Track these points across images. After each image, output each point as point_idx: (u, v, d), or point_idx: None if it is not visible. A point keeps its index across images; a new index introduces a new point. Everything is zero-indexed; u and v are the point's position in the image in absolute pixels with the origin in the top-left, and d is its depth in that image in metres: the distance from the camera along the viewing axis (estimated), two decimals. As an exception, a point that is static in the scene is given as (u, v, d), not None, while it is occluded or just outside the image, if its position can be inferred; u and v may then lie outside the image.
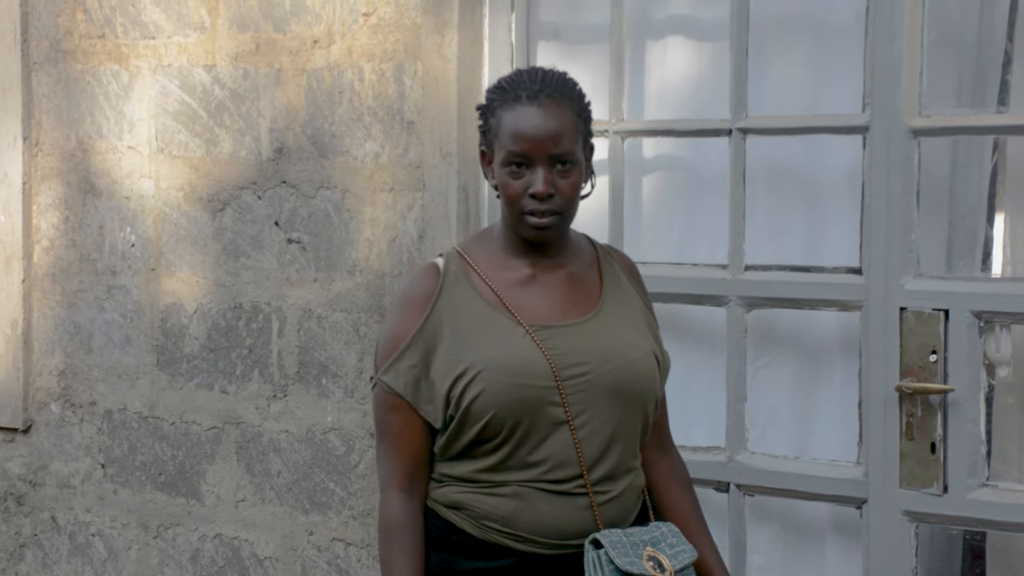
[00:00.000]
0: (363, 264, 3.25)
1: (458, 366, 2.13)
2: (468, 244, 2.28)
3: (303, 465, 3.37)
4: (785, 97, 2.94)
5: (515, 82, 2.18)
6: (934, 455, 2.69)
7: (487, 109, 2.20)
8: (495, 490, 2.15)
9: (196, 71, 3.46)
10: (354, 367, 3.28)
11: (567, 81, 2.19)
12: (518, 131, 2.12)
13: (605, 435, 2.16)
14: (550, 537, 2.13)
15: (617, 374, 2.16)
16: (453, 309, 2.17)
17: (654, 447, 2.33)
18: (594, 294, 2.24)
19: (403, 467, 2.20)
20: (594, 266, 2.28)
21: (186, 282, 3.51)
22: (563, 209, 2.15)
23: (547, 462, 2.13)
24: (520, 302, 2.18)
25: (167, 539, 3.58)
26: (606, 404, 2.15)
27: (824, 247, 2.93)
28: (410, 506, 2.19)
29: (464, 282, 2.20)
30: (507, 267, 2.21)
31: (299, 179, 3.33)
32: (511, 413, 2.11)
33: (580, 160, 2.16)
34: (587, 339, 2.17)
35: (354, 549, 3.30)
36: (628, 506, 2.21)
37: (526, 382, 2.11)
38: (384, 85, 3.20)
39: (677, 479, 2.35)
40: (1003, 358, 2.84)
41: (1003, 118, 2.81)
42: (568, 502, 2.14)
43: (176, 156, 3.51)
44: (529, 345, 2.13)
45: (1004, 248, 2.97)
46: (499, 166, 2.16)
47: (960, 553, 3.06)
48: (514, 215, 2.16)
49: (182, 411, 3.54)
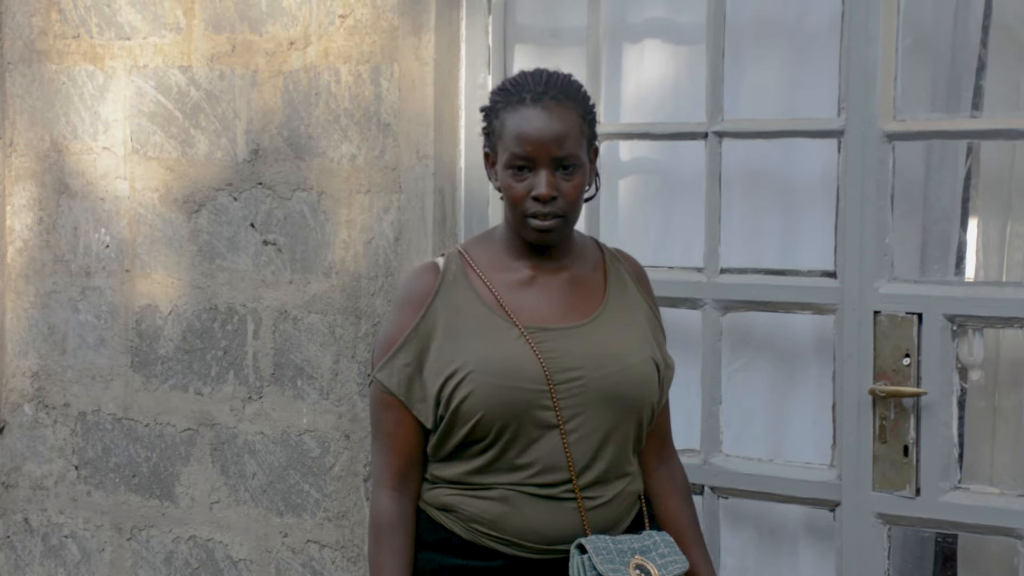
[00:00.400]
0: (339, 266, 3.25)
1: (449, 366, 2.13)
2: (470, 244, 2.28)
3: (278, 467, 3.36)
4: (761, 101, 2.95)
5: (519, 84, 2.17)
6: (907, 458, 2.70)
7: (490, 111, 2.19)
8: (483, 493, 2.15)
9: (172, 72, 3.45)
10: (329, 369, 3.27)
11: (572, 83, 2.18)
12: (522, 133, 2.11)
13: (596, 440, 2.14)
14: (536, 541, 2.13)
15: (612, 380, 2.15)
16: (449, 309, 2.17)
17: (654, 455, 2.31)
18: (596, 298, 2.22)
19: (395, 465, 2.20)
20: (599, 269, 2.27)
21: (161, 283, 3.50)
22: (566, 212, 2.14)
23: (535, 465, 2.12)
24: (518, 304, 2.17)
25: (141, 541, 3.57)
26: (599, 409, 2.14)
27: (799, 250, 2.94)
28: (401, 505, 2.19)
29: (463, 282, 2.19)
30: (507, 268, 2.20)
31: (275, 181, 3.32)
32: (499, 415, 2.10)
33: (584, 163, 2.15)
34: (583, 343, 2.15)
35: (329, 551, 3.29)
36: (620, 512, 2.20)
37: (515, 384, 2.10)
38: (361, 87, 3.20)
39: (676, 488, 2.33)
40: (975, 362, 2.86)
41: (977, 123, 2.83)
42: (556, 506, 2.13)
43: (151, 157, 3.49)
44: (522, 347, 2.12)
45: (977, 252, 2.99)
46: (502, 168, 2.15)
47: (932, 555, 3.08)
48: (517, 217, 2.15)
49: (156, 413, 3.52)
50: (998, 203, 2.94)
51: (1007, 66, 2.85)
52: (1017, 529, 2.62)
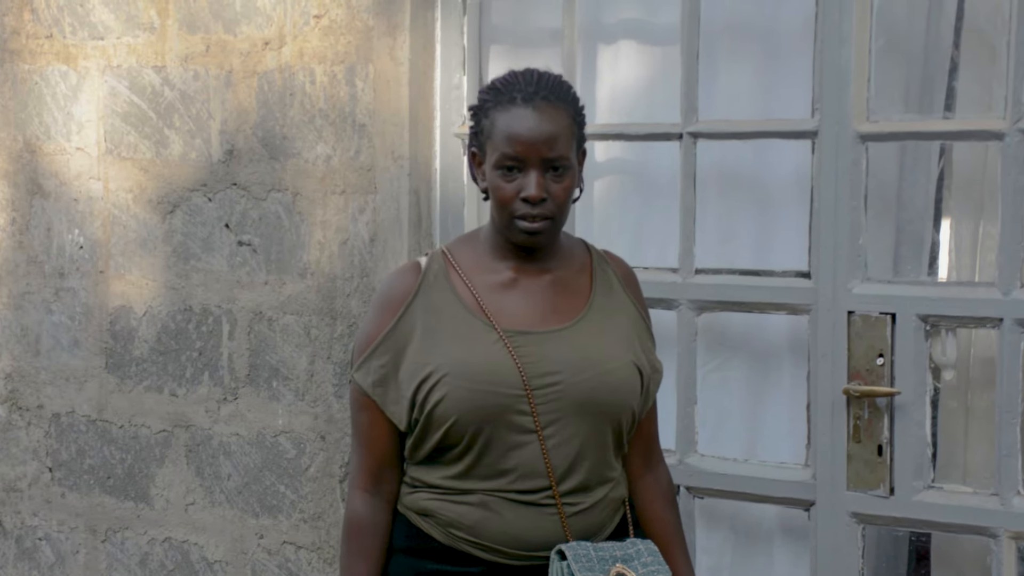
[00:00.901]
0: (314, 267, 3.24)
1: (424, 369, 2.11)
2: (454, 244, 2.25)
3: (253, 468, 3.35)
4: (735, 102, 2.96)
5: (509, 83, 2.14)
6: (881, 457, 2.71)
7: (479, 110, 2.16)
8: (462, 498, 2.13)
9: (145, 72, 3.44)
10: (305, 370, 3.26)
11: (562, 84, 2.16)
12: (512, 133, 2.08)
13: (575, 446, 2.12)
14: (516, 547, 2.11)
15: (590, 385, 2.12)
16: (428, 310, 2.15)
17: (640, 460, 2.28)
18: (580, 301, 2.19)
19: (369, 466, 2.19)
20: (586, 272, 2.24)
21: (135, 284, 3.48)
22: (555, 214, 2.11)
23: (514, 472, 2.10)
24: (498, 307, 2.14)
25: (116, 543, 3.55)
26: (577, 415, 2.11)
27: (773, 251, 2.95)
28: (373, 506, 2.18)
29: (444, 283, 2.17)
30: (490, 270, 2.18)
31: (250, 181, 3.31)
32: (473, 420, 2.08)
33: (574, 164, 2.12)
34: (563, 347, 2.13)
35: (305, 552, 3.29)
36: (603, 518, 2.17)
37: (490, 388, 2.08)
38: (336, 87, 3.19)
39: (660, 494, 2.30)
40: (948, 361, 2.88)
41: (949, 124, 2.85)
42: (536, 513, 2.11)
43: (125, 158, 3.48)
44: (499, 351, 2.10)
45: (950, 252, 3.01)
46: (491, 168, 2.12)
47: (906, 555, 3.10)
48: (504, 219, 2.12)
49: (131, 414, 3.51)
50: (971, 204, 2.96)
51: (979, 67, 2.87)
52: (990, 528, 2.64)
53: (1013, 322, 2.60)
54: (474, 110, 2.17)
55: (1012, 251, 2.60)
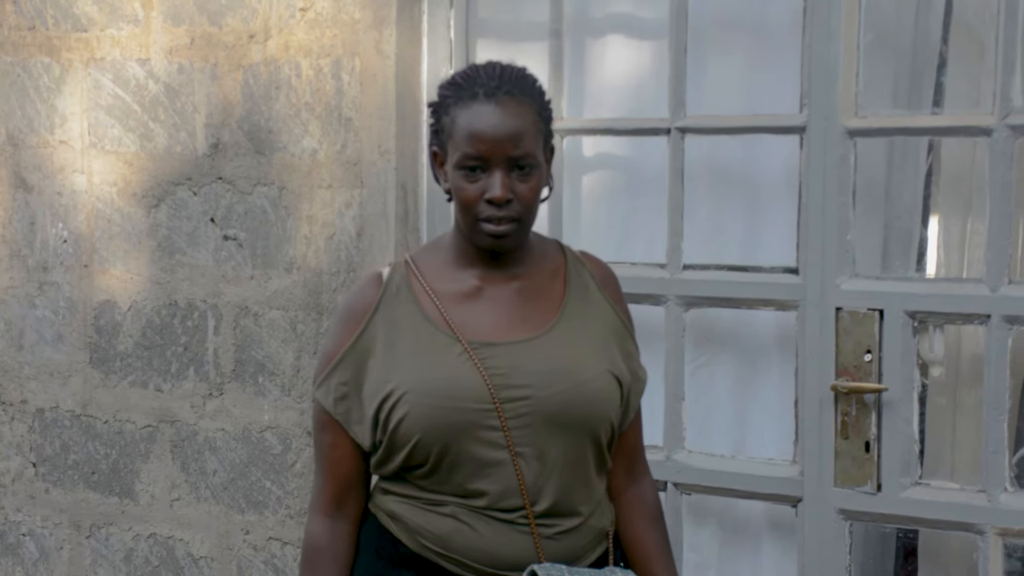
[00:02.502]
0: (300, 261, 3.22)
1: (386, 386, 1.99)
2: (419, 253, 2.12)
3: (239, 464, 3.34)
4: (723, 97, 2.95)
5: (470, 77, 2.01)
6: (868, 454, 2.71)
7: (439, 106, 2.03)
8: (434, 508, 2.02)
9: (130, 65, 3.41)
10: (291, 365, 3.25)
11: (527, 77, 2.03)
12: (474, 131, 1.95)
13: (548, 462, 1.99)
14: (485, 564, 1.99)
15: (562, 397, 1.99)
16: (389, 324, 2.03)
17: (623, 474, 2.15)
18: (552, 308, 2.06)
19: (330, 489, 2.08)
20: (559, 276, 2.10)
21: (120, 279, 3.46)
22: (522, 215, 1.98)
23: (488, 492, 1.98)
24: (462, 318, 2.02)
25: (100, 539, 3.54)
26: (550, 430, 1.98)
27: (761, 247, 2.94)
28: (334, 531, 2.07)
29: (406, 294, 2.05)
30: (454, 279, 2.05)
31: (235, 175, 3.29)
32: (437, 438, 1.97)
33: (540, 163, 1.99)
34: (533, 358, 2.00)
35: (291, 548, 3.28)
36: (583, 546, 2.05)
37: (453, 404, 1.96)
38: (322, 81, 3.17)
39: (644, 511, 2.16)
40: (936, 358, 2.87)
41: (938, 119, 2.84)
42: (510, 530, 1.99)
43: (109, 151, 3.46)
44: (464, 365, 1.98)
45: (938, 249, 3.01)
46: (452, 168, 1.99)
47: (893, 551, 3.11)
48: (468, 222, 1.99)
49: (116, 409, 3.49)
50: (959, 200, 2.96)
51: (968, 63, 2.87)
52: (977, 524, 2.64)
53: (1001, 318, 2.60)
54: (434, 107, 2.05)
55: (1000, 247, 2.60)
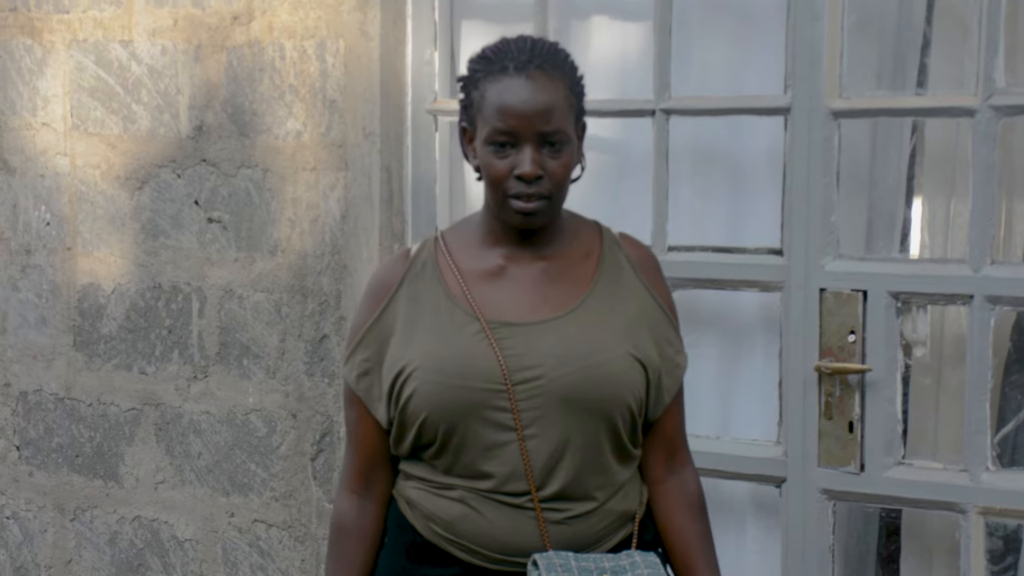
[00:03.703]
0: (285, 244, 3.22)
1: (400, 362, 1.98)
2: (449, 229, 2.10)
3: (224, 446, 3.33)
4: (708, 78, 2.95)
5: (501, 51, 1.97)
6: (852, 434, 2.72)
7: (469, 81, 1.99)
8: (443, 492, 2.00)
9: (112, 46, 3.40)
10: (276, 348, 3.25)
11: (558, 52, 1.99)
12: (504, 106, 1.92)
13: (558, 446, 1.95)
14: (492, 550, 1.97)
15: (572, 379, 1.95)
16: (411, 300, 2.02)
17: (661, 464, 2.09)
18: (578, 289, 2.02)
19: (357, 466, 2.07)
20: (591, 257, 2.05)
21: (103, 262, 3.45)
22: (552, 193, 1.95)
23: (495, 474, 1.96)
24: (484, 296, 1.99)
25: (84, 521, 3.53)
26: (562, 412, 1.95)
27: (746, 228, 2.95)
28: (361, 509, 2.07)
29: (431, 271, 2.03)
30: (480, 257, 2.03)
31: (219, 157, 3.28)
32: (443, 417, 1.95)
33: (572, 139, 1.96)
34: (549, 339, 1.96)
35: (276, 531, 3.28)
36: (598, 530, 2.00)
37: (462, 384, 1.94)
38: (306, 63, 3.16)
39: (684, 501, 2.08)
40: (919, 338, 2.89)
41: (921, 100, 2.85)
42: (517, 515, 1.96)
43: (92, 133, 3.44)
44: (479, 344, 1.95)
45: (922, 230, 3.02)
46: (482, 144, 1.95)
47: (876, 530, 3.12)
48: (497, 198, 1.96)
49: (100, 392, 3.48)
50: (942, 181, 2.97)
51: (951, 44, 2.88)
52: (959, 503, 2.65)
53: (983, 299, 2.61)
54: (463, 81, 2.01)
55: (983, 228, 2.61)
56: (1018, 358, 2.93)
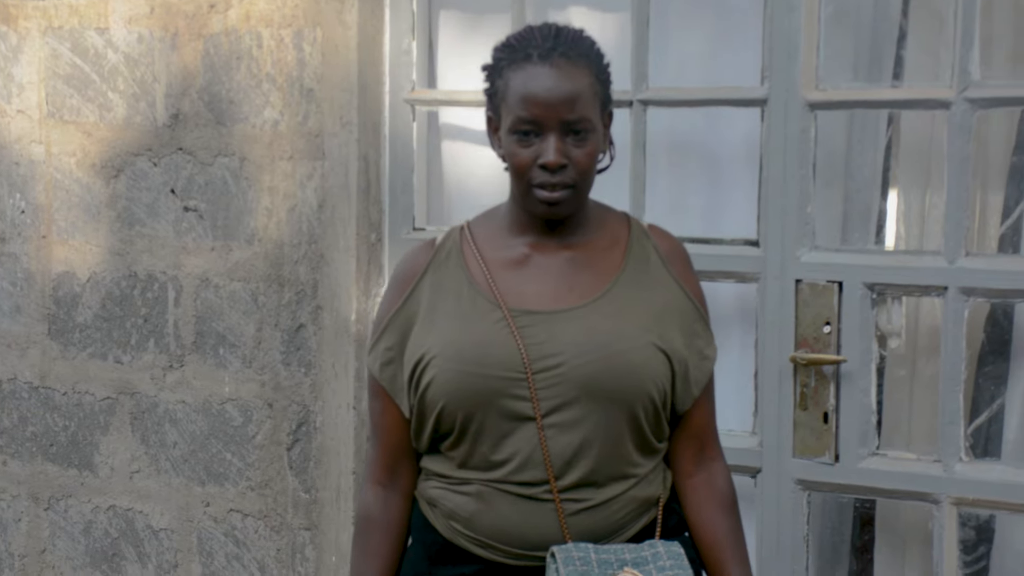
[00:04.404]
0: (262, 233, 3.21)
1: (420, 350, 1.97)
2: (476, 219, 2.08)
3: (200, 436, 3.32)
4: (685, 69, 2.95)
5: (525, 39, 1.95)
6: (826, 425, 2.74)
7: (493, 69, 1.97)
8: (461, 488, 1.98)
9: (88, 34, 3.38)
10: (252, 337, 3.24)
11: (584, 39, 1.97)
12: (528, 94, 1.90)
13: (578, 436, 1.92)
14: (511, 545, 1.94)
15: (592, 368, 1.92)
16: (435, 288, 2.00)
17: (691, 457, 2.06)
18: (603, 279, 1.99)
19: (382, 458, 2.05)
20: (618, 247, 2.03)
21: (79, 250, 3.44)
22: (576, 182, 1.92)
23: (510, 462, 1.93)
24: (508, 284, 1.97)
25: (59, 511, 3.52)
26: (582, 402, 1.92)
27: (723, 219, 2.96)
28: (387, 501, 2.05)
29: (456, 259, 2.02)
30: (505, 246, 2.01)
31: (196, 146, 3.27)
32: (460, 405, 1.93)
33: (597, 127, 1.94)
34: (571, 328, 1.94)
35: (252, 520, 3.27)
36: (616, 519, 1.97)
37: (480, 372, 1.92)
38: (283, 51, 3.15)
39: (714, 496, 2.05)
40: (894, 330, 2.90)
41: (897, 92, 2.86)
42: (534, 507, 1.93)
43: (68, 121, 3.42)
44: (500, 332, 1.94)
45: (897, 221, 3.03)
46: (506, 133, 1.93)
47: (851, 521, 3.13)
48: (521, 188, 1.94)
49: (75, 381, 3.47)
50: (918, 173, 2.98)
51: (927, 36, 2.88)
52: (932, 494, 2.67)
53: (957, 290, 2.62)
54: (488, 70, 1.99)
55: (957, 220, 2.63)
56: (992, 349, 2.95)
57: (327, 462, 3.16)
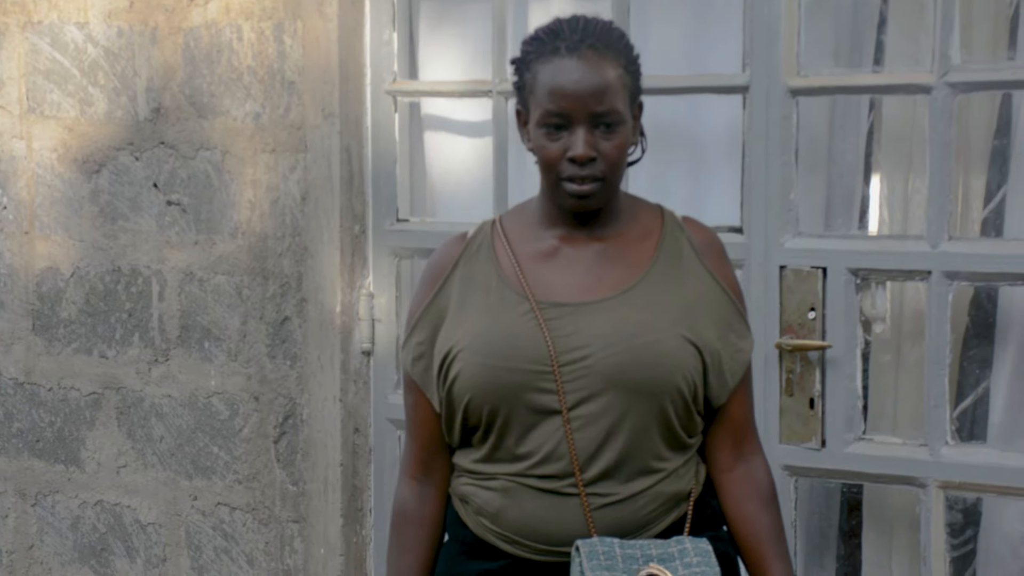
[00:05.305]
0: (245, 226, 3.20)
1: (448, 344, 1.95)
2: (508, 212, 2.07)
3: (186, 430, 3.32)
4: (667, 57, 2.95)
5: (553, 31, 1.93)
6: (812, 410, 2.74)
7: (521, 63, 1.95)
8: (487, 483, 1.96)
9: (68, 29, 3.36)
10: (237, 330, 3.23)
11: (612, 30, 1.95)
12: (556, 87, 1.88)
13: (603, 428, 1.90)
14: (537, 540, 1.93)
15: (618, 359, 1.89)
16: (465, 282, 1.99)
17: (729, 451, 2.01)
18: (634, 271, 1.97)
19: (416, 453, 2.04)
20: (651, 240, 2.00)
21: (62, 245, 3.43)
22: (606, 175, 1.90)
23: (535, 455, 1.91)
24: (537, 276, 1.95)
25: (46, 507, 3.51)
26: (608, 394, 1.90)
27: (706, 206, 2.95)
28: (422, 496, 2.04)
29: (486, 253, 2.00)
30: (535, 238, 1.99)
31: (178, 140, 3.26)
32: (486, 399, 1.91)
33: (627, 119, 1.91)
34: (599, 320, 1.92)
35: (240, 513, 3.27)
36: (644, 515, 1.94)
37: (506, 365, 1.90)
38: (264, 44, 3.14)
39: (754, 491, 2.00)
40: (878, 314, 2.91)
41: (878, 78, 2.86)
42: (559, 502, 1.92)
43: (49, 116, 3.41)
44: (528, 324, 1.92)
45: (880, 207, 3.03)
46: (535, 126, 1.91)
47: (838, 506, 3.14)
48: (551, 181, 1.92)
49: (60, 376, 3.46)
50: (900, 158, 2.98)
51: (907, 21, 2.88)
52: (918, 478, 2.68)
53: (941, 275, 2.63)
54: (516, 63, 1.97)
55: (940, 204, 2.63)
56: (976, 333, 2.95)
57: (314, 454, 3.16)
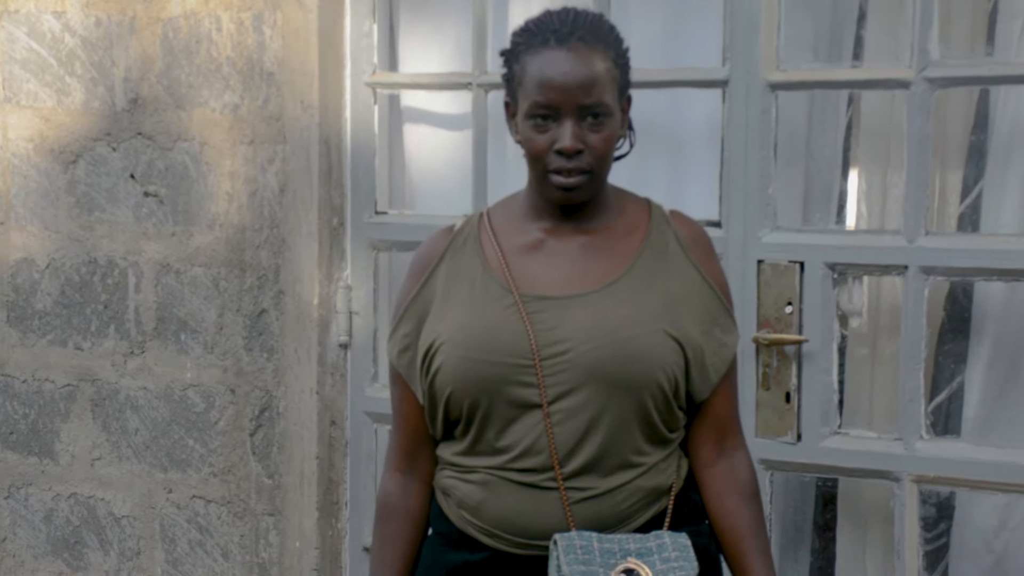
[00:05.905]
0: (223, 218, 3.19)
1: (431, 336, 1.96)
2: (495, 205, 2.06)
3: (161, 422, 3.31)
4: (647, 51, 2.94)
5: (542, 23, 1.93)
6: (788, 404, 2.75)
7: (511, 54, 1.95)
8: (468, 476, 1.96)
9: (45, 18, 3.34)
10: (214, 323, 3.22)
11: (602, 23, 1.95)
12: (544, 78, 1.88)
13: (583, 422, 1.90)
14: (516, 534, 1.93)
15: (599, 353, 1.89)
16: (450, 274, 1.99)
17: (711, 446, 2.01)
18: (618, 265, 1.96)
19: (401, 445, 2.04)
20: (637, 233, 2.00)
21: (37, 236, 3.41)
22: (593, 167, 1.90)
23: (515, 448, 1.91)
24: (522, 269, 1.95)
25: (19, 499, 3.49)
26: (589, 387, 1.90)
27: (684, 200, 2.94)
28: (407, 488, 2.04)
29: (472, 245, 2.00)
30: (521, 231, 1.98)
31: (155, 131, 3.25)
32: (467, 392, 1.92)
33: (615, 112, 1.92)
34: (581, 314, 1.92)
35: (214, 506, 3.26)
36: (623, 509, 1.93)
37: (487, 358, 1.91)
38: (243, 35, 3.13)
39: (735, 486, 2.00)
40: (855, 309, 2.92)
41: (857, 73, 2.87)
42: (538, 496, 1.91)
43: (25, 106, 3.39)
44: (510, 317, 1.92)
45: (858, 201, 3.04)
46: (523, 118, 1.91)
47: (813, 500, 3.15)
48: (538, 173, 1.92)
49: (34, 368, 3.44)
50: (878, 152, 3.00)
51: (886, 16, 2.90)
52: (893, 472, 2.69)
53: (918, 269, 2.64)
54: (505, 55, 1.97)
55: (917, 199, 2.64)
56: (951, 328, 2.97)
57: (290, 447, 3.15)
